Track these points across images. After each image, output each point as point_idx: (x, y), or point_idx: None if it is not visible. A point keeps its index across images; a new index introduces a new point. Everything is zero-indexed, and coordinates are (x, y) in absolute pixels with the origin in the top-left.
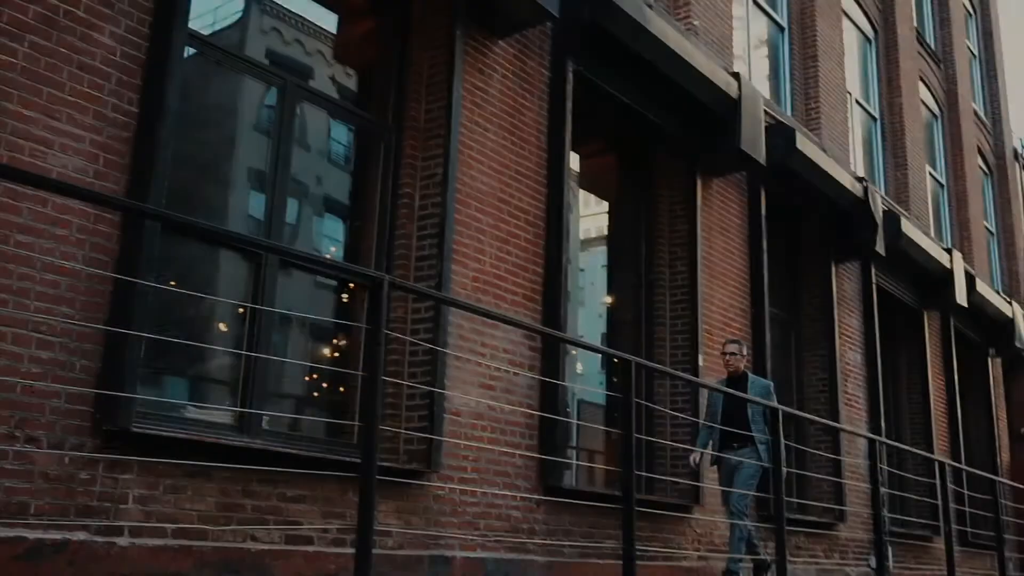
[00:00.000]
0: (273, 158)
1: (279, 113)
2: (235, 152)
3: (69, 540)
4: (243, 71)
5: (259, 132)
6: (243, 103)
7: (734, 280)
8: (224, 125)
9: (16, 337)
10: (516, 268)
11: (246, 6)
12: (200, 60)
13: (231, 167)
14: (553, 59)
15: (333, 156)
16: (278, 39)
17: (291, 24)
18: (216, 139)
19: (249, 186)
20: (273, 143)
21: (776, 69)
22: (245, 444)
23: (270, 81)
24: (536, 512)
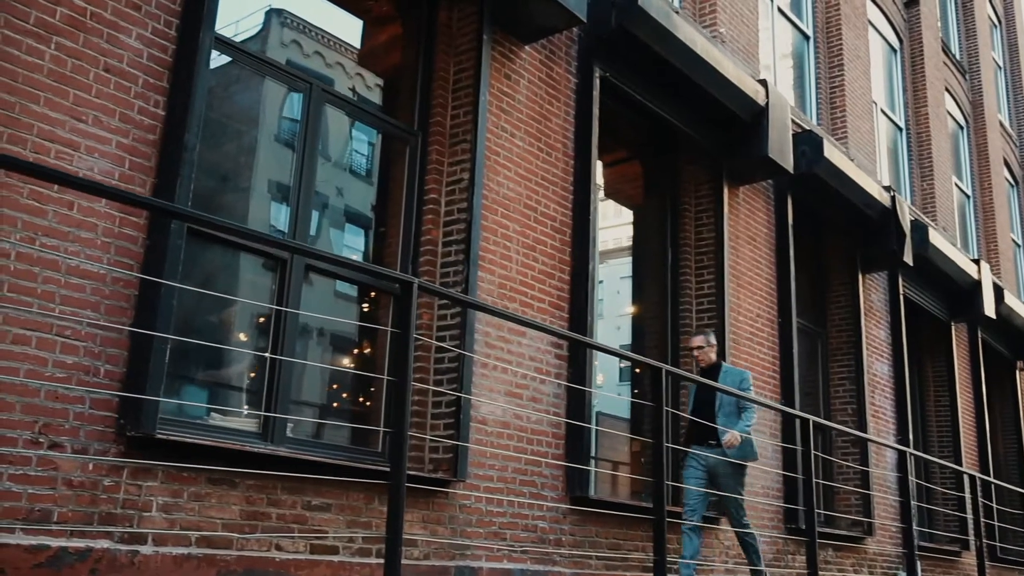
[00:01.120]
0: (298, 163)
1: (304, 118)
2: (260, 157)
3: (92, 548)
4: (268, 75)
5: (284, 137)
6: (268, 108)
7: (761, 290)
8: (249, 130)
9: (40, 341)
10: (542, 275)
11: (271, 12)
12: (226, 64)
13: (255, 171)
14: (579, 65)
15: (358, 162)
16: (303, 45)
17: (316, 30)
18: (240, 143)
19: (273, 192)
20: (298, 148)
21: (801, 78)
22: (270, 451)
23: (295, 86)
24: (563, 522)
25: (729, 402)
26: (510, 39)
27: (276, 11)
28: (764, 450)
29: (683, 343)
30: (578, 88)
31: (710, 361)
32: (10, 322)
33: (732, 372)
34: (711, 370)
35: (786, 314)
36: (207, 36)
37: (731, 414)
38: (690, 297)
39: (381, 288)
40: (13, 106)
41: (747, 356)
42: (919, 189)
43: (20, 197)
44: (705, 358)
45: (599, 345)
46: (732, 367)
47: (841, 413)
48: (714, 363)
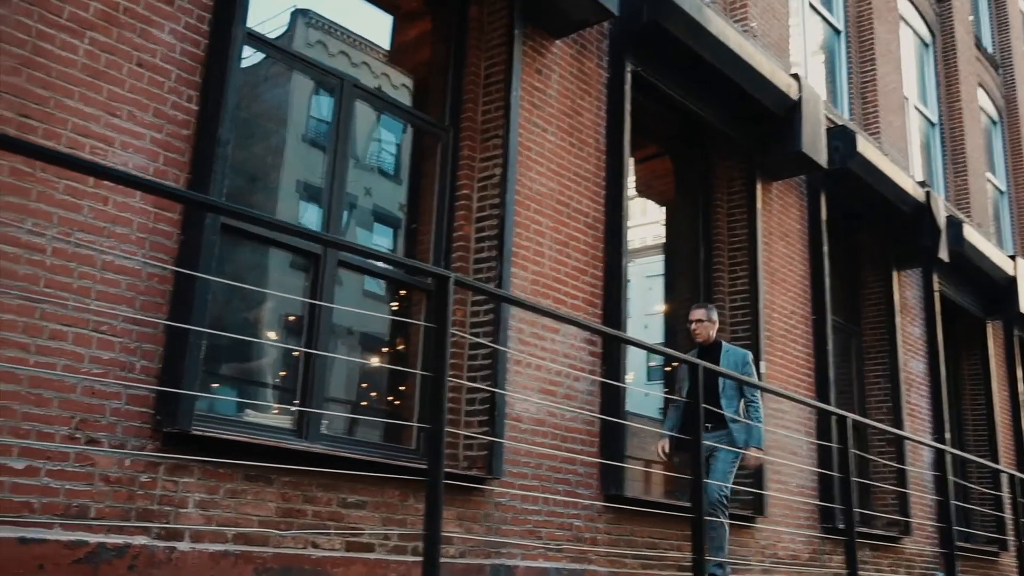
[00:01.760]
0: (330, 160)
1: (336, 115)
2: (290, 155)
3: (130, 544)
4: (300, 71)
5: (314, 135)
6: (299, 105)
7: (795, 287)
8: (279, 128)
9: (77, 336)
10: (575, 271)
11: (296, 12)
12: (255, 64)
13: (285, 169)
14: (611, 59)
15: (389, 158)
16: (328, 45)
17: (342, 30)
18: (270, 141)
19: (304, 189)
20: (329, 145)
21: (832, 73)
22: (305, 448)
23: (326, 81)
24: (598, 521)
25: (731, 384)
26: (541, 33)
27: (302, 11)
28: (799, 448)
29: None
30: (609, 83)
31: (709, 338)
32: (47, 317)
33: (733, 352)
34: (710, 349)
35: (820, 311)
36: (239, 30)
37: (732, 397)
38: (723, 294)
39: (413, 285)
40: (48, 101)
41: (781, 353)
42: (953, 184)
43: (56, 192)
44: (704, 334)
45: (637, 341)
46: (733, 346)
47: (876, 411)
48: (713, 341)
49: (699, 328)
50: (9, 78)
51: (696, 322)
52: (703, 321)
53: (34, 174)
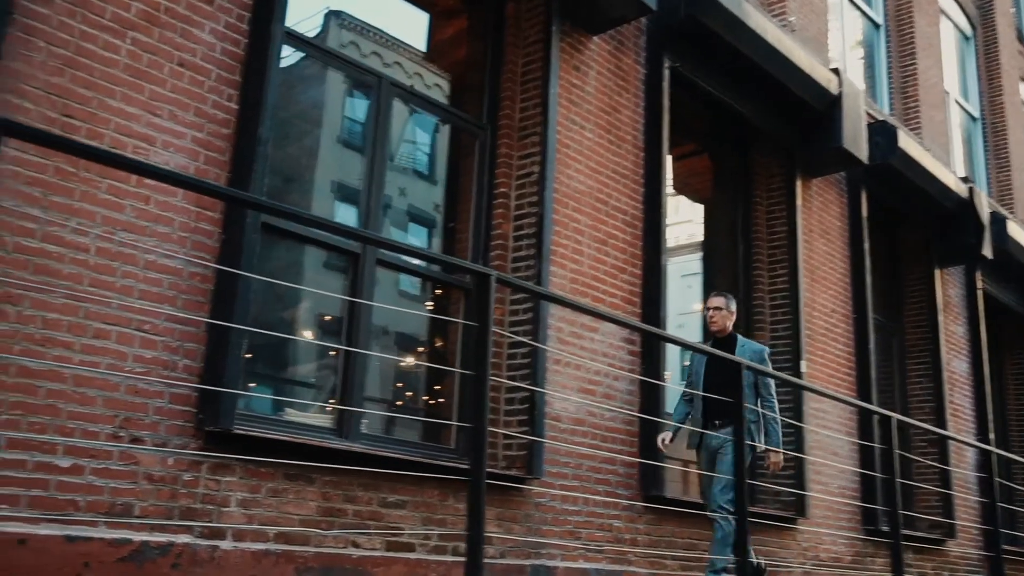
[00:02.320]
0: (368, 159)
1: (373, 113)
2: (327, 154)
3: (173, 543)
4: (337, 69)
5: (352, 134)
6: (336, 103)
7: (836, 284)
8: (316, 125)
9: (120, 335)
10: (614, 270)
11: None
12: (292, 64)
13: (323, 169)
14: (648, 56)
15: (427, 157)
16: (361, 46)
17: (375, 30)
18: (308, 138)
19: (342, 188)
20: (367, 144)
21: (872, 67)
22: (345, 447)
23: (364, 80)
24: (638, 522)
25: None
26: (578, 30)
27: (335, 13)
28: (840, 448)
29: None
30: (647, 79)
31: (725, 329)
32: (91, 316)
33: (749, 347)
34: (725, 341)
35: (861, 309)
36: (278, 29)
37: (747, 394)
38: (763, 293)
39: (451, 283)
40: (91, 101)
41: (822, 352)
42: (995, 180)
43: (99, 192)
44: (721, 323)
45: (678, 339)
46: (749, 340)
47: (918, 411)
48: (729, 333)
49: (716, 316)
50: (53, 78)
51: (714, 310)
52: (721, 310)
53: (77, 174)
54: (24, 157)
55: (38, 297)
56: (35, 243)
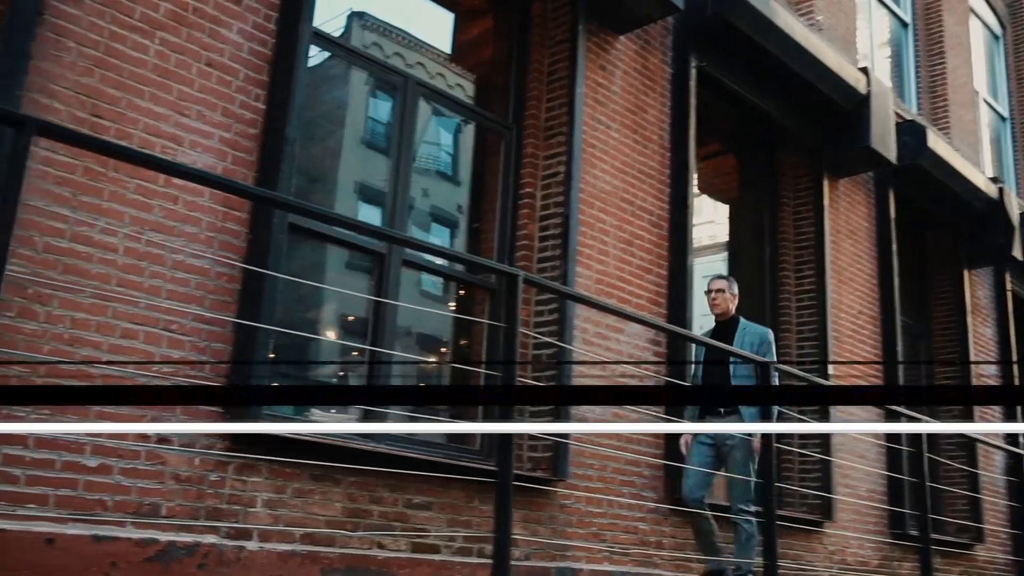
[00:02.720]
0: (394, 159)
1: (399, 112)
2: (352, 154)
3: (200, 543)
4: (363, 69)
5: (377, 134)
6: (362, 103)
7: (863, 286)
8: (341, 125)
9: (148, 335)
10: (640, 270)
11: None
12: (320, 58)
13: (348, 169)
14: (675, 55)
15: (452, 157)
16: (383, 47)
17: (397, 31)
18: (334, 137)
19: (367, 188)
20: (393, 143)
21: (900, 66)
22: (370, 448)
23: (390, 79)
24: (663, 524)
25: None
26: (605, 29)
27: (357, 14)
28: (867, 450)
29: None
30: (673, 79)
31: (728, 312)
32: (119, 316)
33: (752, 330)
34: (727, 324)
35: (889, 311)
36: (306, 28)
37: (747, 377)
38: (790, 294)
39: (476, 283)
40: (119, 101)
41: (849, 354)
42: None
43: (127, 192)
44: (723, 306)
45: (707, 341)
46: (752, 323)
47: (946, 413)
48: (731, 316)
49: (719, 299)
50: (82, 78)
51: (716, 292)
52: (723, 292)
53: (106, 174)
54: (53, 157)
55: (67, 297)
56: (64, 243)
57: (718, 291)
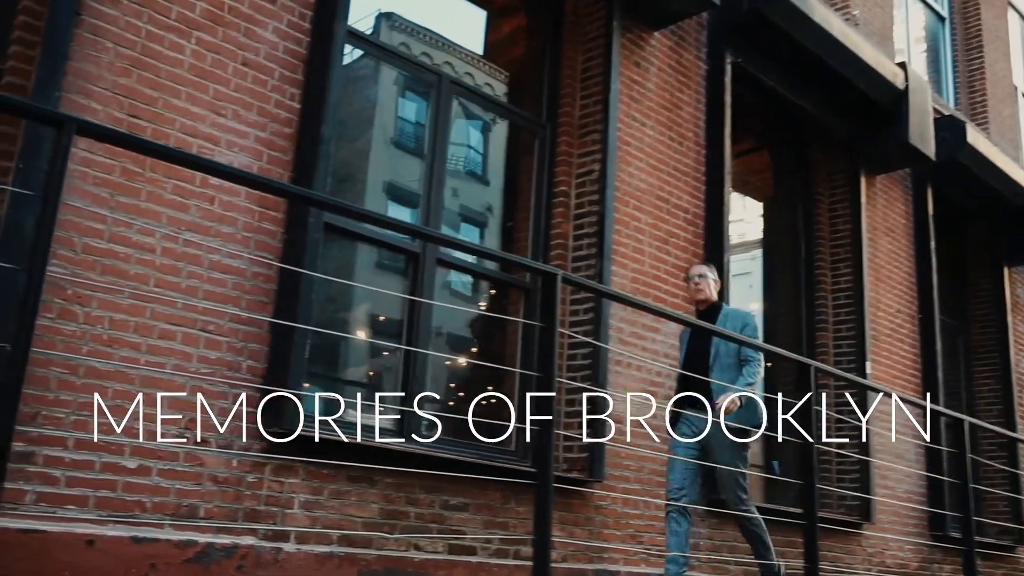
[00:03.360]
0: (428, 157)
1: (432, 111)
2: (385, 151)
3: (238, 545)
4: (397, 68)
5: (411, 130)
6: (397, 101)
7: (900, 284)
8: (376, 123)
9: (185, 336)
10: (675, 269)
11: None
12: (352, 57)
13: (381, 166)
14: (710, 51)
15: (486, 155)
16: (416, 42)
17: (425, 31)
18: (368, 137)
19: (400, 185)
20: (427, 143)
21: (937, 61)
22: (407, 449)
23: (424, 78)
24: (700, 526)
25: (727, 352)
26: (639, 26)
27: (386, 15)
28: (907, 452)
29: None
30: (708, 75)
31: (709, 299)
32: (156, 317)
33: (734, 315)
34: (708, 312)
35: (927, 309)
36: (341, 27)
37: (729, 367)
38: (826, 292)
39: (510, 283)
40: (156, 101)
41: (887, 353)
42: None
43: (164, 192)
44: (704, 294)
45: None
46: (735, 309)
47: (986, 412)
48: (713, 303)
49: (702, 284)
50: (120, 79)
51: (699, 278)
52: (706, 277)
53: (143, 174)
54: (92, 158)
55: (106, 298)
56: (103, 244)
57: (700, 276)
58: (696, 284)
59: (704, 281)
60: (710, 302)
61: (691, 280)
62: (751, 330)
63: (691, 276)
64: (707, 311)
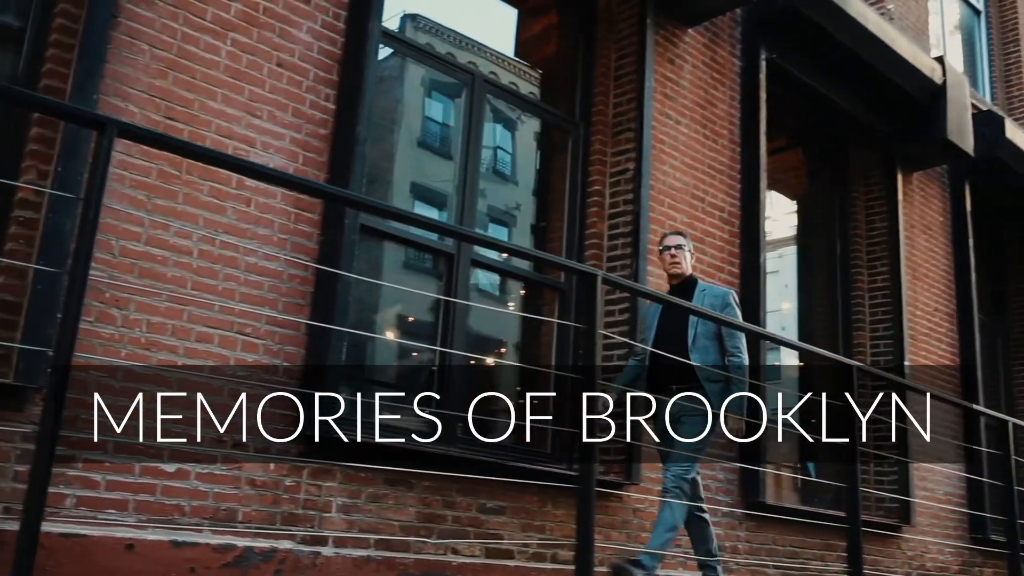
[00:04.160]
0: (461, 157)
1: (466, 110)
2: (418, 150)
3: (276, 549)
4: (430, 67)
5: (444, 131)
6: (429, 101)
7: (938, 282)
8: (408, 123)
9: (222, 339)
10: (711, 268)
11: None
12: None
13: (414, 165)
14: (743, 47)
15: (519, 154)
16: (440, 42)
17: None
18: (401, 137)
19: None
20: (460, 141)
21: (972, 55)
22: (443, 452)
23: (457, 77)
24: (738, 529)
25: (705, 332)
26: (673, 22)
27: (410, 16)
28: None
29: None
30: (742, 72)
31: (683, 273)
32: (194, 320)
33: (711, 292)
34: (683, 286)
35: (966, 308)
36: (375, 26)
37: (708, 349)
38: (862, 291)
39: (545, 283)
40: (192, 103)
41: (925, 352)
42: None
43: (201, 194)
44: (681, 267)
45: (783, 339)
46: (712, 284)
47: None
48: (688, 277)
49: (679, 256)
50: (156, 81)
51: (676, 248)
52: (683, 248)
53: (180, 176)
54: (129, 160)
55: (144, 301)
56: (140, 246)
57: (677, 247)
58: (672, 255)
59: (681, 252)
60: (685, 276)
61: (667, 250)
62: (731, 310)
63: (667, 246)
64: (681, 286)
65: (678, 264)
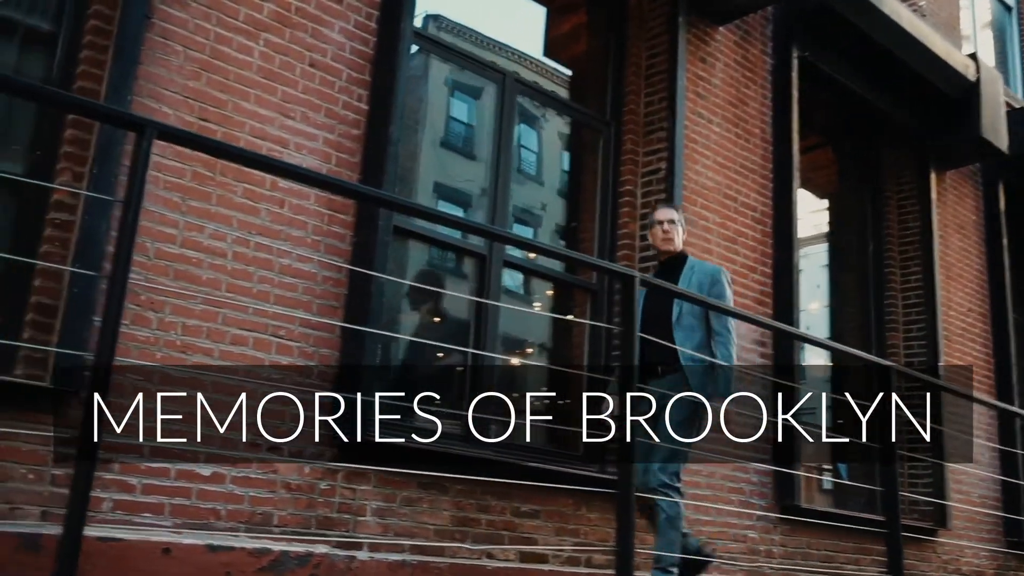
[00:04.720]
0: (492, 157)
1: (497, 110)
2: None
3: (312, 553)
4: (462, 66)
5: (473, 131)
6: (457, 101)
7: (972, 282)
8: (434, 122)
9: (257, 341)
10: (744, 269)
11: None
12: (420, 56)
13: (444, 166)
14: (775, 45)
15: (549, 155)
16: (475, 38)
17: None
18: (429, 137)
19: (466, 184)
20: (492, 143)
21: (1004, 52)
22: (476, 455)
23: (488, 76)
24: (773, 532)
25: (691, 310)
26: (704, 21)
27: (432, 16)
28: (980, 455)
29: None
30: (774, 70)
31: (674, 249)
32: (228, 322)
33: (700, 268)
34: (673, 263)
35: (1000, 308)
36: (408, 26)
37: (693, 328)
38: (895, 291)
39: (576, 284)
40: (226, 104)
41: (959, 353)
42: None
43: (235, 196)
44: (673, 243)
45: (819, 340)
46: (702, 262)
47: None
48: (678, 253)
49: (671, 231)
50: (190, 82)
51: (668, 223)
52: (675, 223)
53: (214, 178)
54: (163, 162)
55: (179, 303)
56: (175, 248)
57: (669, 221)
58: (665, 231)
59: (674, 228)
60: (675, 252)
61: (659, 225)
62: (720, 289)
63: (659, 220)
64: (670, 262)
65: (670, 240)
